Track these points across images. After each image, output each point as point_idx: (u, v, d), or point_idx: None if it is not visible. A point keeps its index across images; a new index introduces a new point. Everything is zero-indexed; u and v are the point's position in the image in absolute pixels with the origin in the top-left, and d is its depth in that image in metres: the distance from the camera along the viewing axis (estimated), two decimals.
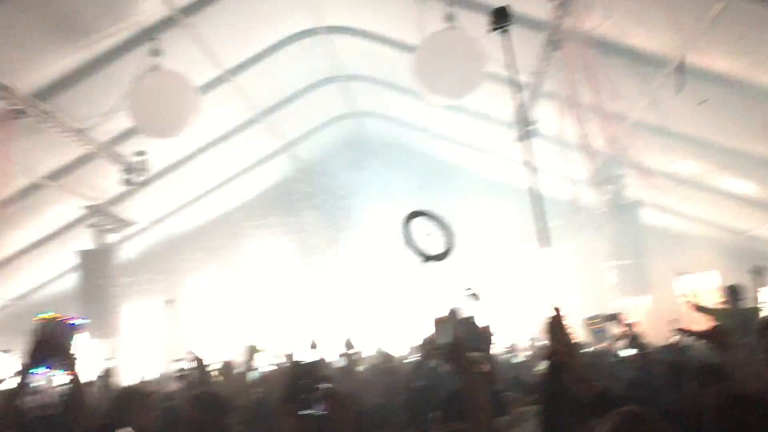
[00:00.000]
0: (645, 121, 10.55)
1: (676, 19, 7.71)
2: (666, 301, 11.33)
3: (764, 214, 12.54)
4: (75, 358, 3.41)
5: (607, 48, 8.82)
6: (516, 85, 4.19)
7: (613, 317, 7.29)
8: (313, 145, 16.84)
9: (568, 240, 16.52)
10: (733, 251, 13.85)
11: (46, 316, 12.01)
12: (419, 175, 17.90)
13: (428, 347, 5.87)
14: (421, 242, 4.62)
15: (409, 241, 4.51)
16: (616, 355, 7.42)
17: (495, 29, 3.95)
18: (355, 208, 17.72)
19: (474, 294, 6.41)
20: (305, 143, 16.41)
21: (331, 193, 17.96)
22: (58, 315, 12.16)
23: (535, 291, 16.30)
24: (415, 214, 4.57)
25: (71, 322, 12.51)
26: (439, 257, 4.61)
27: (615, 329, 7.88)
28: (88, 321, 12.45)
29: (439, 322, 2.74)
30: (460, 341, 2.69)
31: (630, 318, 7.53)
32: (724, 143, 10.56)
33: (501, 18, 3.91)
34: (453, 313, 6.18)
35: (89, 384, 7.41)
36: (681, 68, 7.60)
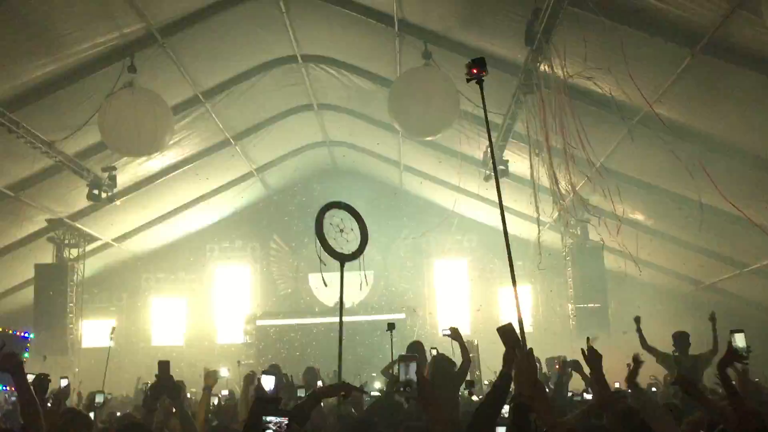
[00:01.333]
0: (611, 168, 10.80)
1: (644, 72, 7.97)
2: (625, 345, 11.46)
3: (721, 266, 12.86)
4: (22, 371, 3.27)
5: (578, 94, 9.05)
6: (488, 127, 4.16)
7: (573, 362, 7.34)
8: (283, 172, 16.85)
9: (532, 280, 16.74)
10: (687, 300, 14.18)
11: None
12: (389, 206, 18.06)
13: (391, 383, 5.80)
14: (335, 240, 4.43)
15: (320, 236, 4.34)
16: (574, 397, 7.47)
17: (470, 80, 3.87)
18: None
19: (450, 332, 6.31)
20: (275, 169, 16.41)
21: (299, 219, 17.96)
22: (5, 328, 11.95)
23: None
24: (329, 206, 4.41)
25: (21, 335, 12.30)
26: (352, 256, 4.46)
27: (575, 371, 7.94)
28: (32, 335, 12.27)
29: (403, 360, 2.72)
30: (425, 380, 2.68)
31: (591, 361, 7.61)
32: (686, 195, 10.83)
33: (478, 68, 3.84)
34: (417, 349, 6.14)
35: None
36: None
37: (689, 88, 8.37)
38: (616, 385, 9.86)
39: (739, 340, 3.70)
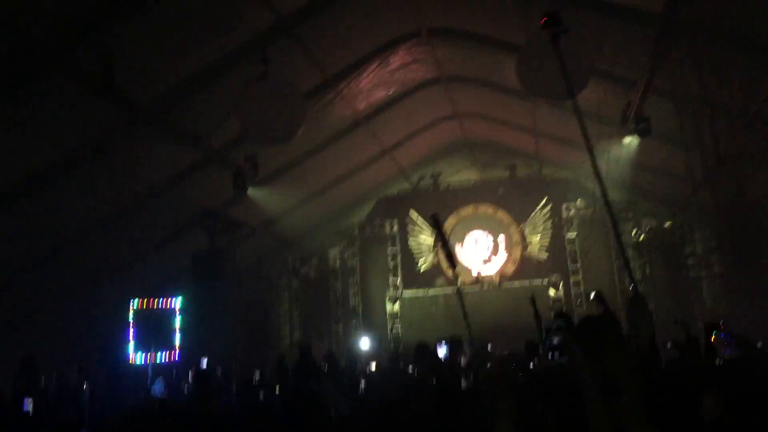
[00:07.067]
0: (763, 116, 9.93)
1: None
2: None
3: None
4: None
5: (723, 39, 8.38)
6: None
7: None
8: (415, 148, 16.94)
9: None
10: None
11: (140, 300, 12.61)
12: (526, 175, 17.74)
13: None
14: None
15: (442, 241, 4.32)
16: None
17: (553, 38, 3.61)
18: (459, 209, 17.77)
19: (598, 298, 6.19)
20: (407, 146, 16.51)
21: (433, 194, 18.06)
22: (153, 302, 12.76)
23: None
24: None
25: (168, 306, 12.97)
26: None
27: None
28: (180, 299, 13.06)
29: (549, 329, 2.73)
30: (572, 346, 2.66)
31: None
32: None
33: (550, 25, 3.58)
34: (565, 318, 6.09)
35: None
36: None
37: None
38: None
39: None
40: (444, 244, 4.13)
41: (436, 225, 4.20)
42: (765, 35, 8.37)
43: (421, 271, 18.04)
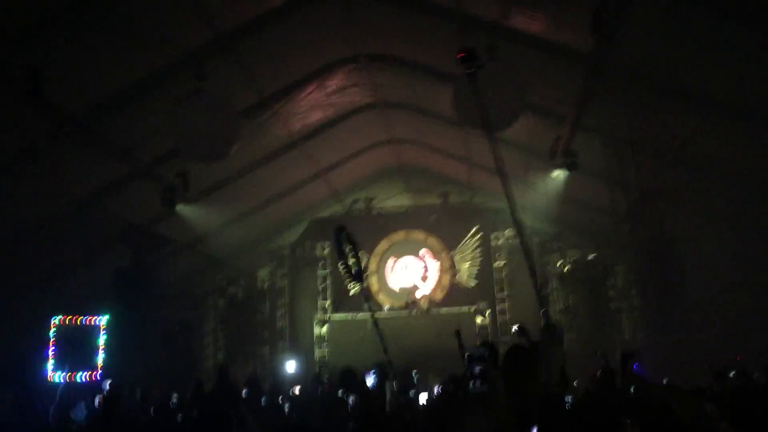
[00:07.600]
0: (683, 157, 10.42)
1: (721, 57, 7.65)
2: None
3: None
4: None
5: (648, 82, 8.77)
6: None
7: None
8: (349, 172, 16.95)
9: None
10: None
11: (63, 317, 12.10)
12: (458, 203, 17.97)
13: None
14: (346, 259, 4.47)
15: (340, 255, 4.40)
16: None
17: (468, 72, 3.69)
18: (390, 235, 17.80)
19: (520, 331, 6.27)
20: (341, 169, 16.52)
21: (366, 219, 18.07)
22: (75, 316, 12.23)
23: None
24: (341, 229, 4.44)
25: (94, 323, 12.51)
26: (359, 278, 4.45)
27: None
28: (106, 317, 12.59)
29: (471, 358, 2.75)
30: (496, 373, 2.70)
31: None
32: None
33: (467, 60, 3.68)
34: (490, 348, 6.16)
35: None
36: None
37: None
38: None
39: None
40: (341, 257, 4.16)
41: (339, 237, 4.18)
42: (684, 81, 8.80)
43: (351, 294, 17.95)
